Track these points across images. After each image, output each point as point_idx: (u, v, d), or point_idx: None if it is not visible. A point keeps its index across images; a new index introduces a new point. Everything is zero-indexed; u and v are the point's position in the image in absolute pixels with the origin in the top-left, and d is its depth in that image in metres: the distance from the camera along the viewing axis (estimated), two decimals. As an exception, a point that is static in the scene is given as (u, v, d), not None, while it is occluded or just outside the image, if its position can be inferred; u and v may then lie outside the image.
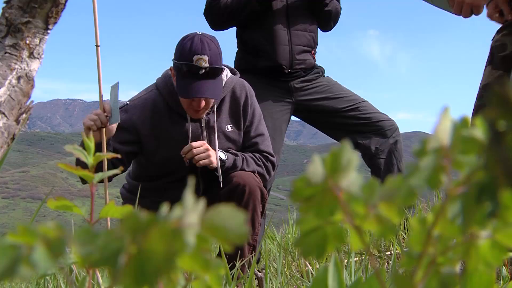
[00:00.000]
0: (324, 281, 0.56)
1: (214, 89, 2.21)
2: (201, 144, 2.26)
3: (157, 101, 2.33)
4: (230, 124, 2.39)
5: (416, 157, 0.31)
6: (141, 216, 0.32)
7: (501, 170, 0.26)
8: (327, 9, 2.95)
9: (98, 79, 2.14)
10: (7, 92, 0.99)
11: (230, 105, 2.40)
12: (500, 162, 0.26)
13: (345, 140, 0.34)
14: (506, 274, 1.37)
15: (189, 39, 2.20)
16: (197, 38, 2.20)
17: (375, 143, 2.89)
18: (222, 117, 2.38)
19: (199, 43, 2.17)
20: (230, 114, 2.40)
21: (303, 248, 0.34)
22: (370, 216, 0.32)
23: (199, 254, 0.34)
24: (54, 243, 0.36)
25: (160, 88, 2.35)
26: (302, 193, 0.33)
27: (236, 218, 0.33)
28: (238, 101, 2.40)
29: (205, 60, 2.16)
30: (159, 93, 2.35)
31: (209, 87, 2.19)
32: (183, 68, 2.18)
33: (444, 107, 0.33)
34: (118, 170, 0.70)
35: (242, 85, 2.43)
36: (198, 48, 2.17)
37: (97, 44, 2.10)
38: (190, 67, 2.17)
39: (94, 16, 2.09)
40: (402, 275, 0.33)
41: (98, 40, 2.10)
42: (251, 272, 1.23)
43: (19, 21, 1.00)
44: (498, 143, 0.26)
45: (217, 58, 2.21)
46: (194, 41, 2.18)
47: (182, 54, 2.19)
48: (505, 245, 0.33)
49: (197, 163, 2.24)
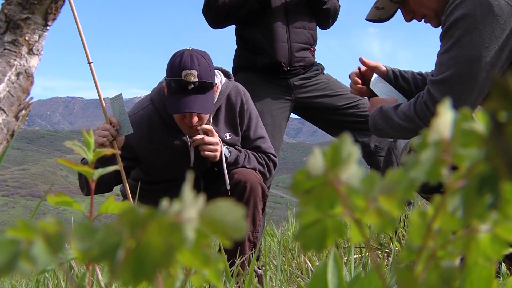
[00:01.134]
0: (323, 277, 0.55)
1: (204, 103, 2.18)
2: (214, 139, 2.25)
3: (153, 116, 2.31)
4: (228, 132, 2.38)
5: (416, 150, 0.31)
6: (139, 210, 0.32)
7: (502, 161, 0.26)
8: (326, 7, 2.95)
9: (98, 94, 2.14)
10: (6, 88, 0.98)
11: (226, 113, 2.38)
12: (501, 153, 0.26)
13: (345, 134, 0.34)
14: (506, 270, 1.38)
15: (179, 55, 2.18)
16: (186, 53, 2.18)
17: (374, 141, 2.89)
18: (219, 126, 2.37)
19: (188, 58, 2.16)
20: (227, 121, 2.39)
21: (303, 241, 0.34)
22: (370, 209, 0.32)
23: (198, 249, 0.34)
24: (53, 238, 0.36)
25: (156, 103, 2.33)
26: (302, 186, 0.33)
27: (234, 213, 0.33)
28: (234, 108, 2.39)
29: (194, 75, 2.14)
30: (154, 108, 2.32)
31: (198, 102, 2.16)
32: (172, 83, 2.16)
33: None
34: (116, 167, 0.70)
35: (237, 90, 2.41)
36: (187, 63, 2.15)
37: (89, 62, 2.08)
38: (179, 82, 2.14)
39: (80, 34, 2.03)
40: (404, 269, 0.33)
41: (89, 57, 2.07)
42: (251, 269, 1.23)
43: (18, 18, 1.00)
44: (499, 135, 0.26)
45: (207, 72, 2.18)
46: (183, 57, 2.16)
47: (172, 70, 2.18)
48: (505, 239, 0.33)
49: (202, 152, 2.24)
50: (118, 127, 2.14)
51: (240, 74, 2.92)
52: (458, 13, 1.71)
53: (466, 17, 1.70)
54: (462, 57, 1.70)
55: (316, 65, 3.03)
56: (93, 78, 2.10)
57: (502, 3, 1.68)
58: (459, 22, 1.71)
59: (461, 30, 1.71)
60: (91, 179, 0.66)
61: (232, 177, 2.27)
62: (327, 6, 2.95)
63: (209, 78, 2.19)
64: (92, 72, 2.09)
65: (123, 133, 2.14)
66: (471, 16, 1.69)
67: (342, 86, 3.03)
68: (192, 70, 2.15)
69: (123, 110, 2.14)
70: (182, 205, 0.32)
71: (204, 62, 2.18)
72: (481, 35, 1.68)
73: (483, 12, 1.68)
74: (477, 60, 1.68)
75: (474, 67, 1.69)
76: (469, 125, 0.30)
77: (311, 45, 2.99)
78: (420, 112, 1.76)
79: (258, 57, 2.91)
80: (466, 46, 1.70)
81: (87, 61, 2.08)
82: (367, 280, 0.53)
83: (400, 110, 1.82)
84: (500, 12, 1.67)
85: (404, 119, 1.80)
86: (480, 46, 1.68)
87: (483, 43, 1.68)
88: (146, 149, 2.30)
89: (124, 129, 2.13)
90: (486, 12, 1.68)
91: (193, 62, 2.15)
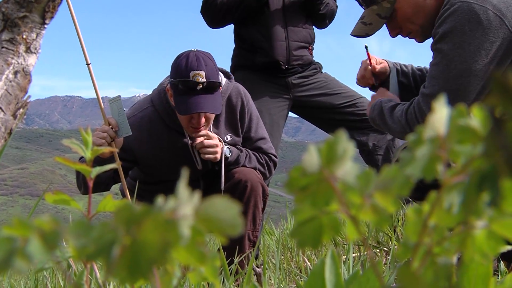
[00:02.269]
0: (321, 275, 0.55)
1: (213, 103, 2.17)
2: (214, 141, 2.25)
3: (153, 119, 2.30)
4: (229, 134, 2.38)
5: (412, 147, 0.31)
6: (135, 207, 0.32)
7: (502, 158, 0.26)
8: (322, 12, 2.96)
9: (96, 95, 2.13)
10: (4, 86, 0.98)
11: (226, 114, 2.38)
12: (501, 150, 0.26)
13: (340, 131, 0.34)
14: (504, 269, 1.38)
15: (184, 56, 2.17)
16: (192, 54, 2.17)
17: (372, 140, 2.89)
18: (220, 128, 2.36)
19: (195, 59, 2.15)
20: (228, 123, 2.38)
21: (299, 238, 0.34)
22: (365, 206, 0.32)
23: (194, 246, 0.34)
24: (49, 235, 0.35)
25: (156, 105, 2.31)
26: (298, 183, 0.33)
27: (230, 210, 0.33)
28: (234, 109, 2.38)
29: (202, 76, 2.13)
30: (155, 110, 2.31)
31: (208, 102, 2.15)
32: (180, 85, 2.15)
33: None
34: (114, 165, 0.70)
35: (237, 91, 2.41)
36: (194, 64, 2.14)
37: (87, 63, 2.07)
38: (187, 83, 2.13)
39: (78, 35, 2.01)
40: (405, 267, 0.32)
41: (87, 58, 2.06)
42: (249, 267, 1.23)
43: (15, 16, 1.00)
44: (498, 131, 0.26)
45: (214, 73, 2.18)
46: (189, 58, 2.16)
47: (178, 71, 2.16)
48: (501, 235, 0.33)
49: (202, 155, 2.24)
50: (116, 129, 2.13)
51: (238, 73, 2.92)
52: (447, 26, 1.73)
53: (455, 31, 1.71)
54: (451, 71, 1.71)
55: (314, 63, 3.03)
56: (92, 79, 2.09)
57: (491, 15, 1.68)
58: (448, 36, 1.72)
59: (450, 43, 1.72)
60: (89, 177, 0.66)
61: (233, 176, 2.27)
62: (323, 11, 2.96)
63: (216, 78, 2.19)
64: (91, 73, 2.08)
65: (122, 135, 2.14)
66: (459, 30, 1.70)
67: (340, 85, 3.03)
68: (200, 70, 2.14)
69: (121, 112, 2.14)
70: (177, 202, 0.32)
71: (210, 62, 2.18)
72: (470, 49, 1.69)
73: (471, 26, 1.69)
74: (467, 74, 1.70)
75: (464, 81, 1.70)
76: (464, 122, 0.30)
77: (309, 44, 3.00)
78: (410, 121, 1.81)
79: (256, 56, 2.91)
80: (456, 60, 1.71)
81: (86, 62, 2.07)
82: (364, 277, 0.53)
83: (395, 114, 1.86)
84: (488, 25, 1.68)
85: (396, 123, 1.85)
86: (469, 60, 1.69)
87: (473, 56, 1.69)
88: (147, 151, 2.29)
89: (122, 131, 2.13)
90: (475, 25, 1.68)
91: (200, 63, 2.15)
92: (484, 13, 1.68)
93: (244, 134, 2.42)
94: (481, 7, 1.69)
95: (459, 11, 1.71)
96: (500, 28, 1.68)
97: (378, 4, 1.98)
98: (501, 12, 1.69)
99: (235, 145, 2.39)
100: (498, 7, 1.70)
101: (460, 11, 1.70)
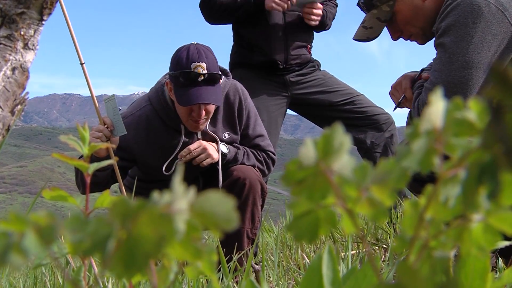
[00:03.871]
0: (318, 270, 0.55)
1: (215, 94, 2.17)
2: (197, 145, 2.25)
3: (151, 117, 2.30)
4: (226, 131, 2.38)
5: (409, 139, 0.31)
6: (130, 202, 0.32)
7: (501, 150, 0.26)
8: (321, 21, 2.96)
9: (91, 94, 2.12)
10: (2, 83, 0.98)
11: (224, 112, 2.37)
12: (500, 141, 0.26)
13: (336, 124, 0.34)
14: (503, 265, 1.38)
15: (185, 49, 2.17)
16: (192, 47, 2.18)
17: (370, 137, 2.89)
18: (218, 126, 2.36)
19: (196, 51, 2.15)
20: (225, 121, 2.38)
21: (295, 232, 0.34)
22: (362, 199, 0.32)
23: (190, 241, 0.34)
24: (45, 230, 0.35)
25: (154, 103, 2.31)
26: (294, 176, 0.33)
27: (225, 204, 0.32)
28: (232, 107, 2.38)
29: (203, 67, 2.14)
30: (152, 108, 2.31)
31: (210, 93, 2.15)
32: (181, 77, 2.15)
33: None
34: (111, 160, 0.70)
35: (235, 88, 2.40)
36: (195, 56, 2.15)
37: (81, 62, 2.06)
38: (189, 75, 2.13)
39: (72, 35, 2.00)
40: (404, 262, 0.32)
41: (81, 58, 2.05)
42: (248, 264, 1.23)
43: (13, 12, 0.99)
44: (498, 123, 0.26)
45: (214, 65, 2.18)
46: (190, 50, 2.16)
47: (179, 64, 2.16)
48: (498, 228, 0.32)
49: (200, 164, 2.25)
50: (112, 128, 2.13)
51: (236, 71, 2.92)
52: (450, 20, 1.73)
53: (458, 24, 1.71)
54: (454, 63, 1.72)
55: (312, 61, 3.02)
56: (86, 78, 2.08)
57: (493, 8, 1.69)
58: (451, 29, 1.73)
59: (453, 36, 1.73)
60: (86, 173, 0.66)
61: (231, 174, 2.27)
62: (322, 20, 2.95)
63: (217, 70, 2.20)
64: (85, 72, 2.08)
65: (117, 134, 2.13)
66: (462, 23, 1.71)
67: (339, 83, 3.03)
68: (201, 62, 2.15)
69: (116, 111, 2.13)
70: (172, 197, 0.32)
71: (210, 55, 2.19)
72: (472, 41, 1.70)
73: (474, 18, 1.69)
74: (469, 66, 1.70)
75: (466, 73, 1.71)
76: (461, 114, 0.30)
77: (308, 43, 2.99)
78: (415, 113, 1.83)
79: (254, 55, 2.91)
80: (458, 52, 1.71)
81: (79, 62, 2.06)
82: (362, 273, 0.53)
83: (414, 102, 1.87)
84: (491, 18, 1.69)
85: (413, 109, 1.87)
86: (471, 52, 1.70)
87: (475, 48, 1.70)
88: (145, 150, 2.29)
89: (118, 130, 2.13)
90: (477, 17, 1.69)
91: (201, 55, 2.15)
92: (487, 6, 1.69)
93: (242, 132, 2.41)
94: (484, 0, 1.70)
95: (461, 5, 1.72)
96: (502, 22, 1.69)
97: (378, 8, 1.99)
98: (503, 6, 1.70)
99: (233, 143, 2.39)
100: (500, 1, 1.71)
101: (463, 5, 1.71)
